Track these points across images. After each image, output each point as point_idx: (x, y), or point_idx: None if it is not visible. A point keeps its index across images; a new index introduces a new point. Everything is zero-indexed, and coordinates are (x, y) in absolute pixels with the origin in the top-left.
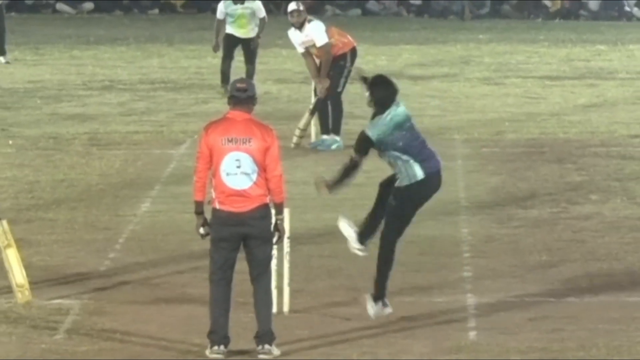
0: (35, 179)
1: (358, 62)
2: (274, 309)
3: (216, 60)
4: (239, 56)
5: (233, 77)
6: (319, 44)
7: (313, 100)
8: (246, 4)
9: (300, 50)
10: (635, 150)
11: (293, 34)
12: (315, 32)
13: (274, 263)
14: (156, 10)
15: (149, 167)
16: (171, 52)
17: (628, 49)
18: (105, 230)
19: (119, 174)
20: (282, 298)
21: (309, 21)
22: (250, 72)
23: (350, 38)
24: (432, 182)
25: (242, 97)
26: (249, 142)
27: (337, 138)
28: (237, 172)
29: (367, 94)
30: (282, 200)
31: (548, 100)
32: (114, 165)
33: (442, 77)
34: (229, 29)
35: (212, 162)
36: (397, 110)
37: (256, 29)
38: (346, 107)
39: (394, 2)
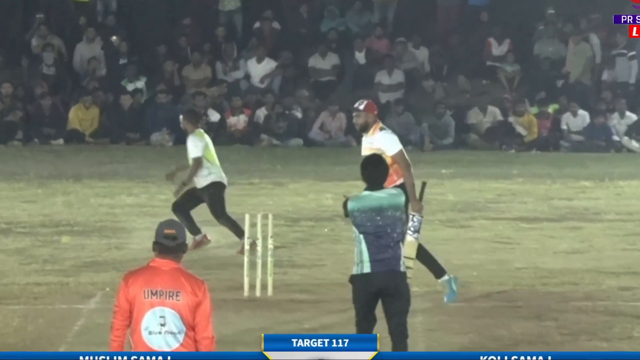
0: None
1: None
2: None
3: (130, 198)
4: None
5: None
6: (390, 152)
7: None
8: None
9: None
10: (626, 305)
11: (362, 140)
12: (385, 141)
13: None
14: (61, 140)
15: (53, 325)
16: (78, 190)
17: (617, 186)
18: None
19: (16, 333)
20: None
21: (381, 129)
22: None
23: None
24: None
25: (171, 246)
26: (177, 296)
27: (446, 276)
28: (161, 330)
29: None
30: None
31: (523, 246)
32: (10, 323)
33: None
34: None
35: (131, 318)
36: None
37: (201, 177)
38: (287, 255)
39: (341, 131)
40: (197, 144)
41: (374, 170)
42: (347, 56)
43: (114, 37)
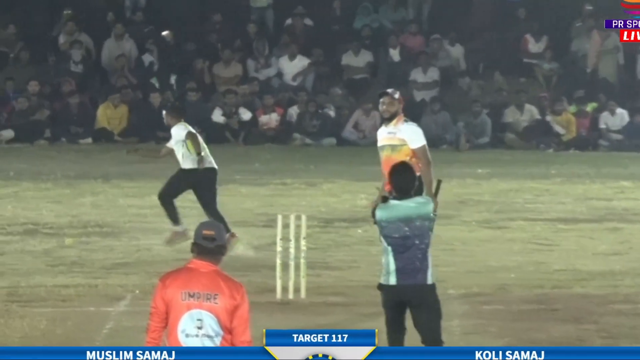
0: None
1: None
2: None
3: None
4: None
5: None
6: (414, 145)
7: None
8: None
9: (380, 144)
10: None
11: (380, 130)
12: (410, 133)
13: None
14: (89, 139)
15: (81, 328)
16: (107, 190)
17: None
18: None
19: (44, 336)
20: None
21: (405, 121)
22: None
23: None
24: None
25: (210, 247)
26: (215, 298)
27: None
28: (198, 333)
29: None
30: None
31: (561, 247)
32: (38, 325)
33: None
34: None
35: (167, 320)
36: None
37: (187, 160)
38: (320, 257)
39: (376, 130)
40: (181, 127)
41: (402, 179)
42: (381, 53)
43: (167, 32)
